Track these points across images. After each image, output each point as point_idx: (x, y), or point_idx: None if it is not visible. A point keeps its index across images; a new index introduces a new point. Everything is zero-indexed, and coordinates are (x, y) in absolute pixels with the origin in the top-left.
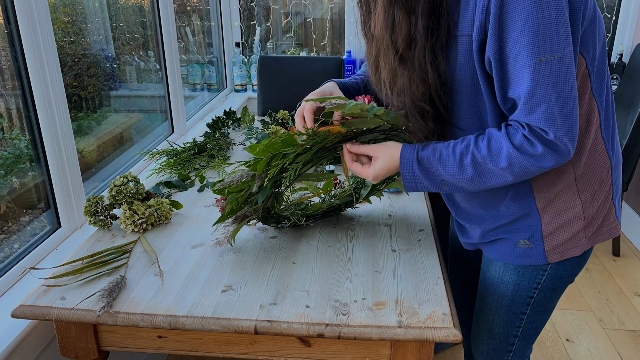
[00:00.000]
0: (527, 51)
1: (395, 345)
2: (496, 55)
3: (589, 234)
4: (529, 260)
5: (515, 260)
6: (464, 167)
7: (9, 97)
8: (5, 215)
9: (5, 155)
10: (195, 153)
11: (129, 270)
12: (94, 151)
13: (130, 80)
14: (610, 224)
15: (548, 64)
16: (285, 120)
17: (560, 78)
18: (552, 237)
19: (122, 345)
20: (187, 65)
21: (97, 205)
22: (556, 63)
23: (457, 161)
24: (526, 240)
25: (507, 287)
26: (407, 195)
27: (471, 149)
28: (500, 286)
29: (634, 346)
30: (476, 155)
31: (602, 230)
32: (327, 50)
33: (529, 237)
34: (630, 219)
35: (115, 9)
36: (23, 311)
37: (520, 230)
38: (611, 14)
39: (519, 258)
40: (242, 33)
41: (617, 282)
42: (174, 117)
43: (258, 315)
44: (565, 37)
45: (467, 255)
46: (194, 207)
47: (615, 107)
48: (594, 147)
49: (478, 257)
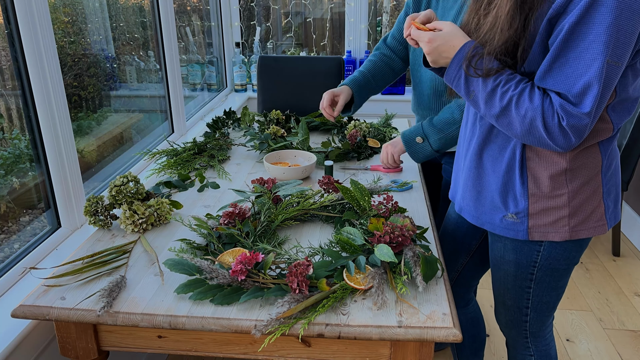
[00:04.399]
0: (603, 48)
1: (395, 345)
2: (565, 35)
3: (572, 224)
4: (512, 233)
5: (501, 231)
6: (495, 93)
7: (9, 97)
8: (6, 215)
9: (5, 155)
10: (195, 153)
11: (129, 270)
12: (94, 151)
13: (130, 80)
14: (596, 222)
15: (611, 67)
16: (280, 120)
17: (610, 85)
18: (537, 217)
19: (122, 345)
20: (187, 65)
21: (97, 205)
22: (615, 70)
23: (493, 85)
24: (513, 214)
25: (509, 265)
26: (407, 195)
27: (510, 84)
28: (504, 264)
29: (634, 346)
30: (510, 92)
31: (587, 226)
32: (327, 50)
33: (516, 213)
34: (630, 219)
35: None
36: (23, 311)
37: (511, 205)
38: None
39: (504, 230)
40: (242, 33)
41: (617, 282)
42: (174, 117)
43: (258, 315)
44: (629, 50)
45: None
46: (194, 207)
47: None
48: (590, 149)
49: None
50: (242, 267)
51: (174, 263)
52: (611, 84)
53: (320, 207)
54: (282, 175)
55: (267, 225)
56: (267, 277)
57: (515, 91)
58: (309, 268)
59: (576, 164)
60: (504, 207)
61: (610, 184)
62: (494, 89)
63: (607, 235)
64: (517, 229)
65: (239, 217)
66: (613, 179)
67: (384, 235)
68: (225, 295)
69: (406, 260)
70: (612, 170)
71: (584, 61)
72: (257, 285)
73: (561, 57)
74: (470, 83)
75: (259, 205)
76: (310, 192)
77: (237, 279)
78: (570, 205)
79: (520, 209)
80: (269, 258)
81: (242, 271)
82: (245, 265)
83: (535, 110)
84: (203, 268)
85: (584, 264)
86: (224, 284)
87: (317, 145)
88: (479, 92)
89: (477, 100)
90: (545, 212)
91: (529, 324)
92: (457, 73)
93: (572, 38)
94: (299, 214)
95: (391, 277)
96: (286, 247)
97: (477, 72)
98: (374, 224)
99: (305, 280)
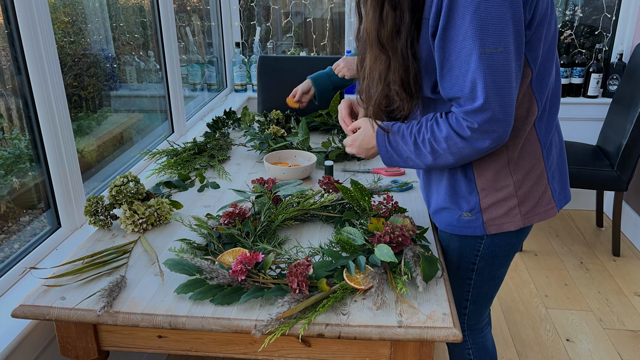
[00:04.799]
0: (472, 42)
1: (395, 345)
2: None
3: (524, 212)
4: (470, 230)
5: (459, 230)
6: (418, 146)
7: (9, 97)
8: (6, 215)
9: (5, 155)
10: (196, 153)
11: (129, 270)
12: (94, 151)
13: (130, 80)
14: (545, 206)
15: (492, 55)
16: (280, 120)
17: (500, 70)
18: (489, 210)
19: (122, 345)
20: (187, 65)
21: (97, 205)
22: (499, 55)
23: (412, 141)
24: (468, 213)
25: (453, 254)
26: (407, 196)
27: (422, 130)
28: (448, 253)
29: (634, 346)
30: (425, 137)
31: (537, 211)
32: (327, 50)
33: (470, 210)
34: (630, 219)
35: (115, 9)
36: (23, 311)
37: (463, 204)
38: (611, 14)
39: (463, 229)
40: (242, 33)
41: (617, 282)
42: (174, 117)
43: (258, 315)
44: (510, 32)
45: None
46: (194, 207)
47: (615, 107)
48: (527, 135)
49: None
50: (242, 267)
51: (174, 263)
52: (502, 69)
53: (320, 207)
54: (282, 175)
55: (267, 225)
56: (267, 277)
57: (427, 133)
58: (309, 268)
59: (517, 154)
60: (457, 208)
61: (553, 168)
62: (415, 143)
63: (607, 235)
64: (474, 226)
65: (239, 217)
66: (555, 162)
67: (384, 235)
68: (225, 295)
69: (406, 260)
70: (553, 155)
71: (462, 60)
72: (257, 285)
73: (445, 64)
74: (401, 153)
75: (259, 205)
76: (311, 192)
77: (237, 279)
78: (518, 194)
79: (472, 205)
80: (269, 258)
81: (242, 271)
82: (246, 265)
83: (449, 135)
84: (203, 268)
85: (584, 264)
86: (224, 284)
87: (317, 145)
88: (410, 154)
89: (414, 161)
90: (496, 205)
91: (467, 316)
92: (388, 154)
93: (447, 43)
94: (299, 214)
95: (391, 277)
96: (286, 247)
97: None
98: (374, 224)
99: (305, 281)
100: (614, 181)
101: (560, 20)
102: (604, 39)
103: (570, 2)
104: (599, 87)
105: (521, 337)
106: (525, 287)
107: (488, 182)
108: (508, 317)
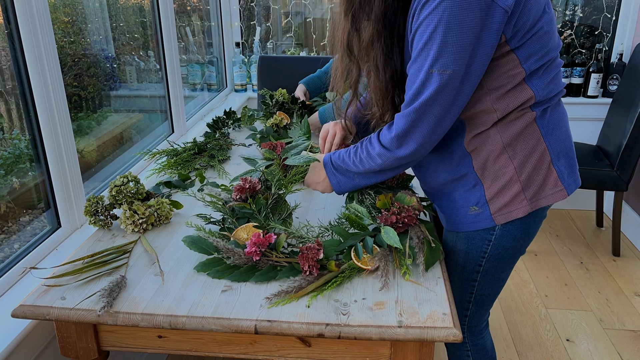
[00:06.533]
0: (424, 58)
1: (395, 345)
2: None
3: (529, 196)
4: (480, 224)
5: (468, 227)
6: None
7: (9, 97)
8: (5, 215)
9: (5, 155)
10: (196, 153)
11: (129, 270)
12: (94, 151)
13: (130, 80)
14: (552, 189)
15: (438, 75)
16: (286, 101)
17: (444, 90)
18: (495, 200)
19: (122, 345)
20: (187, 65)
21: (97, 205)
22: (444, 77)
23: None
24: (474, 207)
25: (459, 255)
26: None
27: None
28: (454, 254)
29: (634, 346)
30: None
31: (544, 194)
32: (327, 50)
33: (476, 203)
34: (630, 219)
35: (115, 9)
36: (23, 311)
37: (469, 198)
38: (611, 14)
39: (472, 224)
40: (242, 33)
41: (617, 282)
42: (174, 117)
43: (258, 315)
44: (463, 56)
45: None
46: (194, 207)
47: (616, 107)
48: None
49: None
50: (256, 249)
51: (192, 241)
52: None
53: None
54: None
55: (277, 197)
56: (280, 256)
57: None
58: (319, 252)
59: (513, 138)
60: (463, 203)
61: (558, 149)
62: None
63: (607, 235)
64: (482, 219)
65: (249, 191)
66: (560, 143)
67: (390, 216)
68: (241, 273)
69: (411, 246)
70: (557, 136)
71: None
72: (270, 264)
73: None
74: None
75: (269, 176)
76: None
77: (252, 259)
78: (520, 179)
79: (478, 198)
80: (281, 238)
81: (256, 252)
82: (259, 247)
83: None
84: (220, 248)
85: (584, 264)
86: (239, 264)
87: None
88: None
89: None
90: (501, 194)
91: (468, 318)
92: (337, 180)
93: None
94: None
95: (396, 256)
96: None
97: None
98: (382, 200)
99: (315, 265)
100: (614, 181)
101: (560, 20)
102: (604, 39)
103: (570, 2)
104: (599, 87)
105: (521, 337)
106: (525, 287)
107: (489, 171)
108: (508, 317)
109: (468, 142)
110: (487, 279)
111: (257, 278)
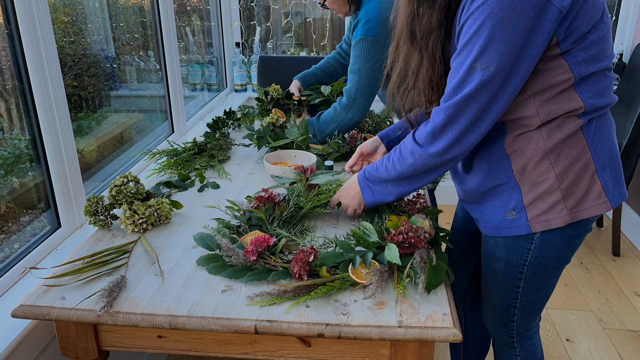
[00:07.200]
0: (468, 52)
1: (395, 345)
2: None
3: (570, 206)
4: (516, 230)
5: (505, 232)
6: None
7: (9, 97)
8: (5, 215)
9: (5, 155)
10: (196, 153)
11: (129, 270)
12: (94, 151)
13: (130, 80)
14: (595, 200)
15: (481, 72)
16: (280, 97)
17: (485, 87)
18: (533, 207)
19: (122, 345)
20: (187, 65)
21: (97, 205)
22: (487, 73)
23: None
24: (512, 211)
25: (499, 263)
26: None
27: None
28: (494, 262)
29: (634, 346)
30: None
31: (586, 205)
32: (327, 50)
33: (514, 208)
34: (630, 219)
35: (115, 9)
36: (23, 311)
37: (507, 201)
38: (611, 14)
39: (508, 230)
40: (242, 33)
41: (617, 282)
42: (174, 117)
43: (258, 315)
44: (509, 54)
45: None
46: (194, 207)
47: (616, 107)
48: (567, 126)
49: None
50: (253, 248)
51: (200, 237)
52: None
53: None
54: (283, 175)
55: (294, 211)
56: (278, 261)
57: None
58: (311, 256)
59: (556, 144)
60: (501, 207)
61: (603, 160)
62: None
63: (607, 235)
64: (518, 224)
65: (267, 201)
66: (606, 154)
67: (397, 235)
68: (235, 271)
69: (413, 265)
70: (603, 146)
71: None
72: (266, 267)
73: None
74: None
75: (290, 191)
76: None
77: (250, 259)
78: (561, 187)
79: (515, 203)
80: (280, 243)
81: (253, 252)
82: (257, 247)
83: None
84: (222, 246)
85: (584, 264)
86: (237, 263)
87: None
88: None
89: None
90: (539, 200)
91: (516, 323)
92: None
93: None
94: None
95: (397, 276)
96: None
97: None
98: (393, 221)
99: (305, 267)
100: None
101: None
102: None
103: None
104: None
105: None
106: None
107: (529, 176)
108: None
109: (509, 143)
110: (531, 286)
111: (250, 277)
